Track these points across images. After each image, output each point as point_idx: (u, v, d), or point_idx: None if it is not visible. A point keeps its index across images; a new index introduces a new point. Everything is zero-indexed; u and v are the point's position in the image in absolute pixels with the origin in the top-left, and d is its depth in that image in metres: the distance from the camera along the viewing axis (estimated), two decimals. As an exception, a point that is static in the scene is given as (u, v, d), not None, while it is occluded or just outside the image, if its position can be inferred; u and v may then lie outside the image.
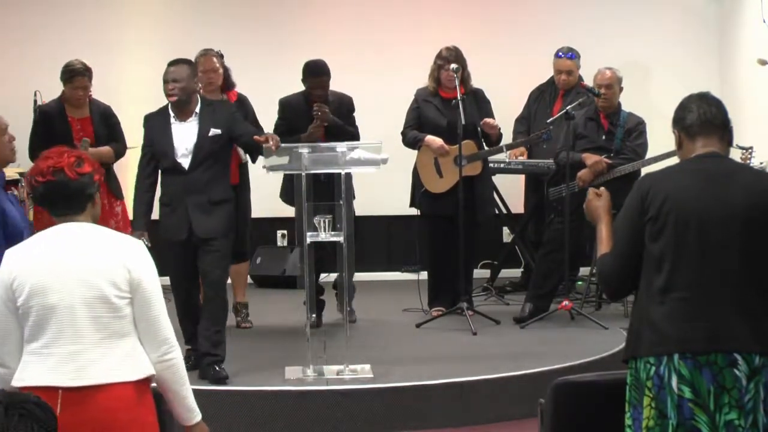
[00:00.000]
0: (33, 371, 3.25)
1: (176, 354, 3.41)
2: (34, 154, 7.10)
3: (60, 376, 3.22)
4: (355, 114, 7.14)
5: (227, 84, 7.01)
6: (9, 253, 3.36)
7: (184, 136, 5.78)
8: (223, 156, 5.87)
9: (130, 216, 7.37)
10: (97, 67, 7.35)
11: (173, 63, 5.81)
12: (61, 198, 3.36)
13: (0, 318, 3.30)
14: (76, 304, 3.25)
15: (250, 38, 8.95)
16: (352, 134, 6.92)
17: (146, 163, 5.88)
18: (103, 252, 3.31)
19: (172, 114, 5.82)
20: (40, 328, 3.26)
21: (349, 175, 5.78)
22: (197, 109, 5.81)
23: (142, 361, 3.33)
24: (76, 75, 7.06)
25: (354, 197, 7.22)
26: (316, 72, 6.96)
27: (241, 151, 6.86)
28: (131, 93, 8.56)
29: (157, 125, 5.85)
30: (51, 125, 7.11)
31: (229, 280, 7.10)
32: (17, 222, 4.21)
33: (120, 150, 7.29)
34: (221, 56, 7.05)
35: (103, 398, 3.22)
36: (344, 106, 7.09)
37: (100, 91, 7.43)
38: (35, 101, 7.66)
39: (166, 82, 5.77)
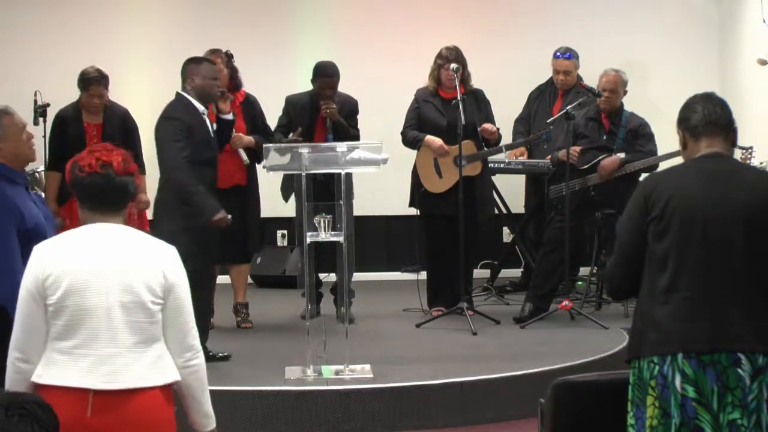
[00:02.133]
0: (63, 371, 3.23)
1: (200, 360, 3.41)
2: (55, 159, 7.11)
3: (94, 378, 3.21)
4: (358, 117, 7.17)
5: (234, 84, 7.00)
6: (39, 249, 3.33)
7: (210, 128, 5.97)
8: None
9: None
10: (97, 65, 7.34)
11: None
12: (105, 193, 3.35)
13: (29, 313, 3.26)
14: (115, 307, 3.24)
15: (250, 38, 8.95)
16: (354, 136, 6.93)
17: (186, 152, 5.81)
18: (141, 256, 3.31)
19: (202, 108, 5.91)
20: (73, 328, 3.23)
21: (349, 175, 5.77)
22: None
23: (170, 366, 3.33)
24: (92, 84, 7.05)
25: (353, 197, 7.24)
26: (327, 72, 7.03)
27: (242, 153, 6.86)
28: (132, 92, 8.55)
29: (192, 115, 5.91)
30: (66, 130, 7.11)
31: (229, 280, 7.15)
32: (38, 222, 4.18)
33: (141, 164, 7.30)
34: (230, 57, 7.03)
35: (134, 401, 3.23)
36: (347, 108, 7.11)
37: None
38: (35, 101, 7.65)
39: (214, 78, 5.96)
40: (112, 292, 3.24)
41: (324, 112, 6.98)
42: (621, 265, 3.46)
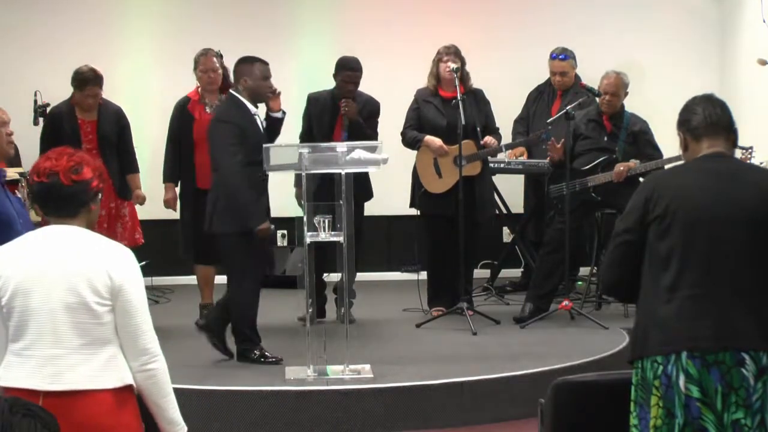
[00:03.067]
0: (15, 372, 3.24)
1: (158, 365, 3.32)
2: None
3: (38, 379, 3.20)
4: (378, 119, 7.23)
5: (226, 84, 7.02)
6: None
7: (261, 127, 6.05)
8: None
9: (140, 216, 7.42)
10: (97, 65, 7.34)
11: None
12: (52, 201, 3.33)
13: None
14: (58, 308, 3.22)
15: (249, 38, 8.94)
16: (369, 137, 6.92)
17: (239, 155, 5.93)
18: (86, 257, 3.27)
19: (253, 109, 6.00)
20: (21, 329, 3.24)
21: (349, 175, 5.77)
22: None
23: (123, 370, 3.28)
24: (87, 84, 7.04)
25: (372, 196, 7.26)
26: (350, 66, 7.05)
27: None
28: (130, 92, 8.56)
29: (244, 115, 5.97)
30: (60, 127, 7.10)
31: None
32: (8, 212, 4.17)
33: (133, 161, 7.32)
34: (221, 56, 7.07)
35: (83, 404, 3.19)
36: (368, 108, 7.13)
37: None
38: (35, 101, 7.65)
39: (266, 78, 6.02)
40: (57, 292, 3.22)
41: (343, 109, 6.98)
42: (616, 262, 3.47)
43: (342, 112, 7.02)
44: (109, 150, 7.11)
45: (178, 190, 7.24)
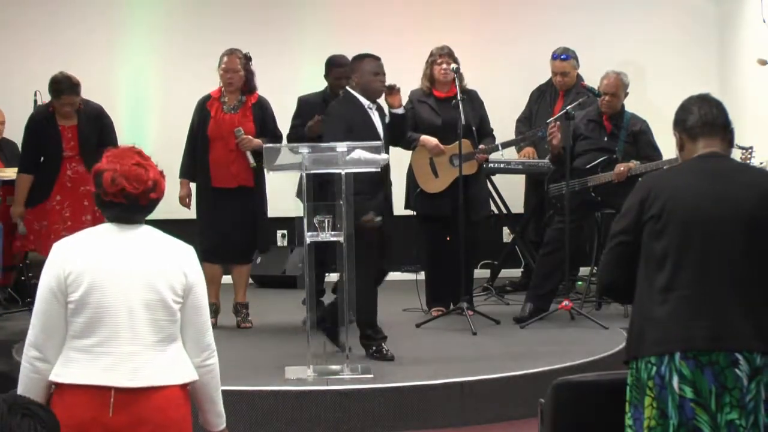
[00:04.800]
0: (83, 370, 3.22)
1: (216, 360, 3.44)
2: (27, 162, 7.07)
3: (116, 376, 3.21)
4: None
5: (249, 87, 7.00)
6: (60, 246, 3.33)
7: (377, 123, 6.07)
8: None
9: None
10: (97, 66, 7.34)
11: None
12: (125, 215, 3.36)
13: (49, 311, 3.25)
14: (137, 306, 3.25)
15: (249, 39, 8.94)
16: None
17: None
18: (163, 256, 3.33)
19: (367, 103, 6.02)
20: (93, 326, 3.23)
21: (349, 176, 5.77)
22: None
23: (188, 365, 3.35)
24: (62, 93, 6.90)
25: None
26: (340, 63, 7.03)
27: (250, 156, 6.83)
28: (132, 93, 8.56)
29: (352, 111, 6.00)
30: (41, 133, 7.01)
31: (230, 280, 7.15)
32: None
33: None
34: (249, 59, 7.01)
35: (154, 399, 3.23)
36: None
37: (99, 90, 7.42)
38: (35, 101, 7.66)
39: (377, 73, 6.08)
40: (135, 289, 3.25)
41: None
42: (613, 263, 3.47)
43: None
44: (91, 153, 6.96)
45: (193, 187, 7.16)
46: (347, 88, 6.21)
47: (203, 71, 7.49)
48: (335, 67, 7.05)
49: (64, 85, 6.91)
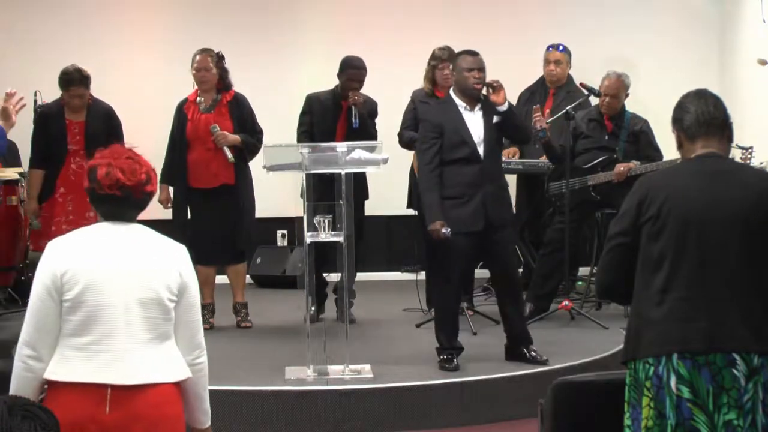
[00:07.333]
0: (78, 368, 3.23)
1: (206, 358, 3.48)
2: (38, 157, 7.10)
3: (112, 373, 3.22)
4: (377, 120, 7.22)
5: (224, 85, 7.02)
6: (54, 245, 3.34)
7: (474, 124, 5.93)
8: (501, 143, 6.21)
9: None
10: (97, 66, 7.34)
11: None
12: (119, 209, 3.38)
13: (44, 310, 3.26)
14: (132, 304, 3.26)
15: (249, 39, 8.96)
16: (371, 135, 6.92)
17: (434, 155, 5.90)
18: (158, 255, 3.36)
19: (462, 103, 5.96)
20: (89, 324, 3.24)
21: (350, 175, 5.77)
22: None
23: (181, 363, 3.37)
24: (72, 84, 6.98)
25: (367, 197, 7.25)
26: (355, 65, 7.04)
27: (227, 152, 6.83)
28: (130, 93, 8.56)
29: (443, 113, 5.97)
30: (48, 127, 7.07)
31: (227, 281, 7.15)
32: None
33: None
34: (222, 58, 7.03)
35: (149, 396, 3.25)
36: (367, 107, 7.12)
37: (99, 90, 7.41)
38: (35, 101, 7.65)
39: (471, 70, 5.92)
40: (131, 288, 3.27)
41: (352, 98, 6.95)
42: (611, 265, 3.47)
43: (350, 101, 6.98)
44: (97, 150, 7.01)
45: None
46: (450, 90, 6.14)
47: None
48: (350, 68, 7.07)
49: (73, 76, 6.99)
